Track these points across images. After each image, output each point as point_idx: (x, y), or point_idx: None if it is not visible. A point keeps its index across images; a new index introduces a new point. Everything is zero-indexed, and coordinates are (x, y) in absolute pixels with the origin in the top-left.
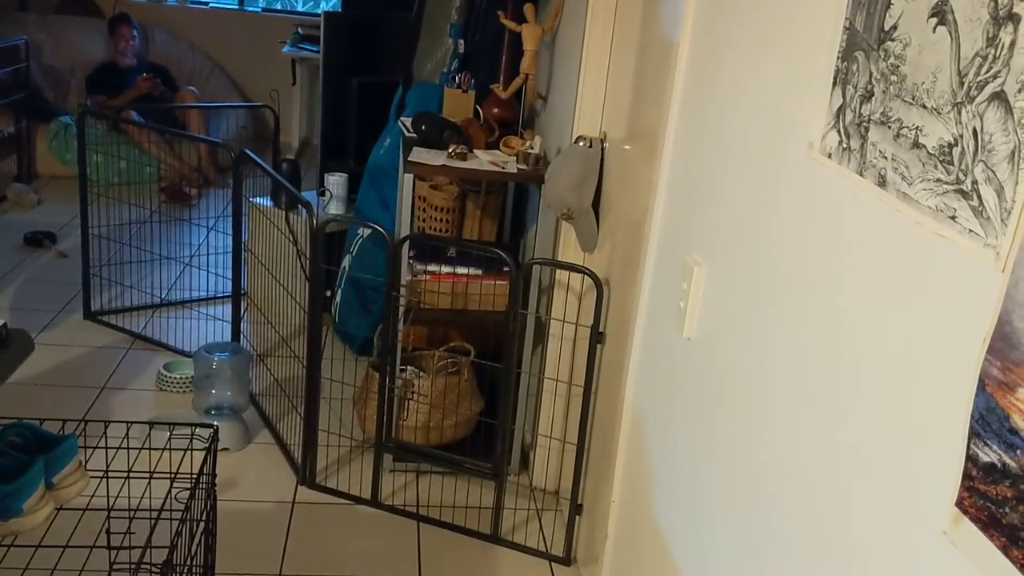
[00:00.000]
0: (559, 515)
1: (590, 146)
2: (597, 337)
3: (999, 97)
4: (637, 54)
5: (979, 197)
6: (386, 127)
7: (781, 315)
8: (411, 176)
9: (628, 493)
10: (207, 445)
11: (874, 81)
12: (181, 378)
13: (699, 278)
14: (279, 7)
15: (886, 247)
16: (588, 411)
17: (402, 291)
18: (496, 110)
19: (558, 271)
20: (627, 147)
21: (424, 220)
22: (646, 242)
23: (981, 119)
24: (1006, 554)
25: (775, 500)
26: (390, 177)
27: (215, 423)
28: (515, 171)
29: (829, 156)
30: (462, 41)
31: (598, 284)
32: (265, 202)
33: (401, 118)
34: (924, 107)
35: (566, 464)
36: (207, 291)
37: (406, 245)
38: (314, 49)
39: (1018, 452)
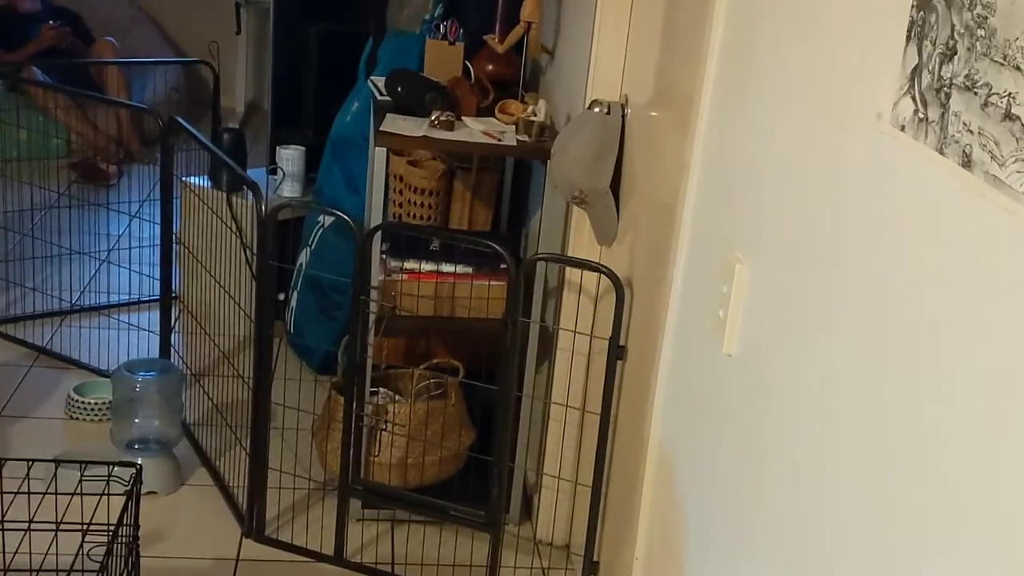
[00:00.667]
0: (570, 575)
1: (607, 112)
2: (617, 352)
3: None
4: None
5: None
6: (353, 88)
7: (846, 325)
8: (384, 150)
9: (656, 548)
10: (128, 488)
11: (957, 36)
12: (96, 404)
13: (743, 279)
14: None
15: (975, 240)
16: (606, 445)
17: (373, 294)
18: (491, 67)
19: (568, 269)
20: (653, 114)
21: (401, 205)
22: (677, 233)
23: None
24: None
25: (844, 563)
26: (358, 151)
27: (138, 461)
28: (514, 143)
29: (902, 129)
30: None
31: (618, 286)
32: (202, 182)
33: (372, 77)
34: (1019, 69)
35: (578, 511)
36: (129, 294)
37: (378, 236)
38: None
39: None
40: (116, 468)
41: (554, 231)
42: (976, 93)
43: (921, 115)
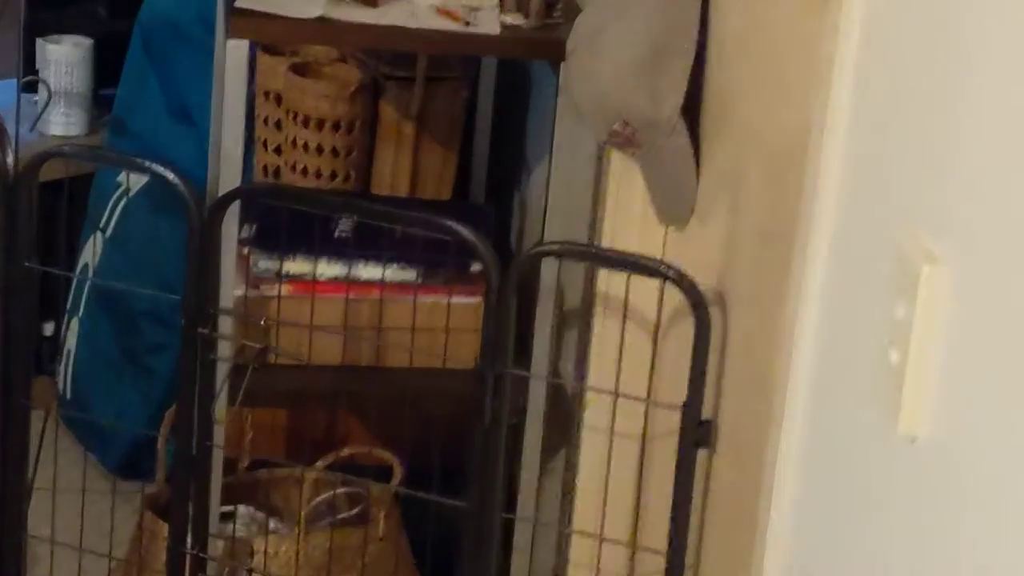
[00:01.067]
0: None
1: None
2: (697, 434)
3: None
4: None
5: None
6: None
7: None
8: (244, 45)
9: None
10: None
11: None
12: None
13: (938, 293)
14: None
15: None
16: None
17: (225, 324)
18: None
19: (602, 274)
20: None
21: (280, 151)
22: (810, 205)
23: None
24: None
25: None
26: (193, 46)
27: None
28: (495, 30)
29: None
30: None
31: (698, 305)
32: None
33: None
34: None
35: None
36: None
37: (234, 212)
38: None
39: None
40: None
41: (574, 201)
42: None
43: None
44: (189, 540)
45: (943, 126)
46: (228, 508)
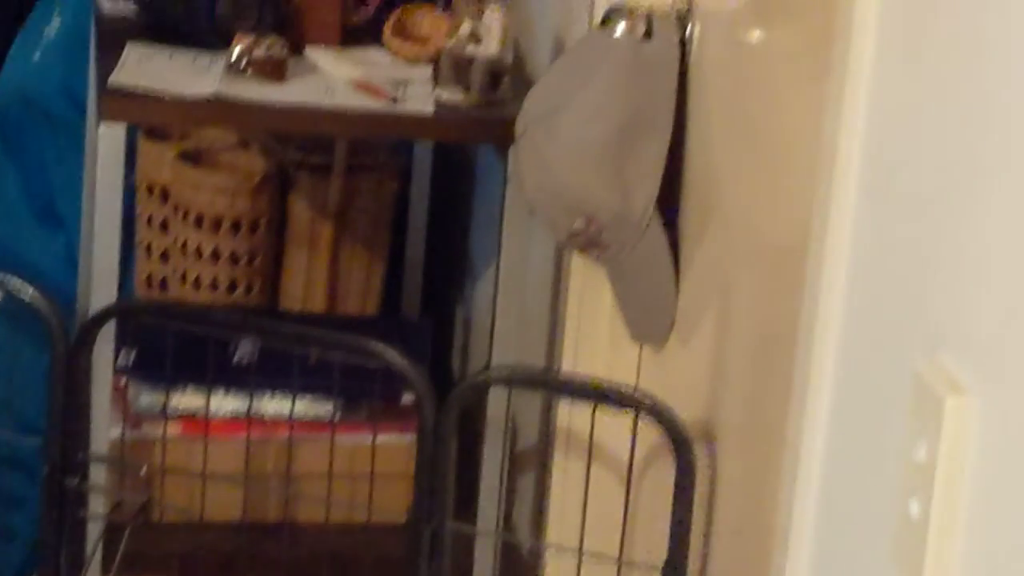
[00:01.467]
0: None
1: (646, 36)
2: None
3: None
4: None
5: None
6: None
7: None
8: (120, 130)
9: None
10: None
11: None
12: None
13: (963, 427)
14: None
15: None
16: None
17: (97, 473)
18: None
19: (562, 406)
20: (756, 37)
21: (167, 257)
22: (808, 319)
23: None
24: None
25: None
26: (60, 129)
27: None
28: (429, 109)
29: None
30: None
31: (678, 442)
32: None
33: None
34: None
35: None
36: None
37: (109, 334)
38: None
39: None
40: None
41: (528, 314)
42: None
43: None
44: None
45: (971, 230)
46: None
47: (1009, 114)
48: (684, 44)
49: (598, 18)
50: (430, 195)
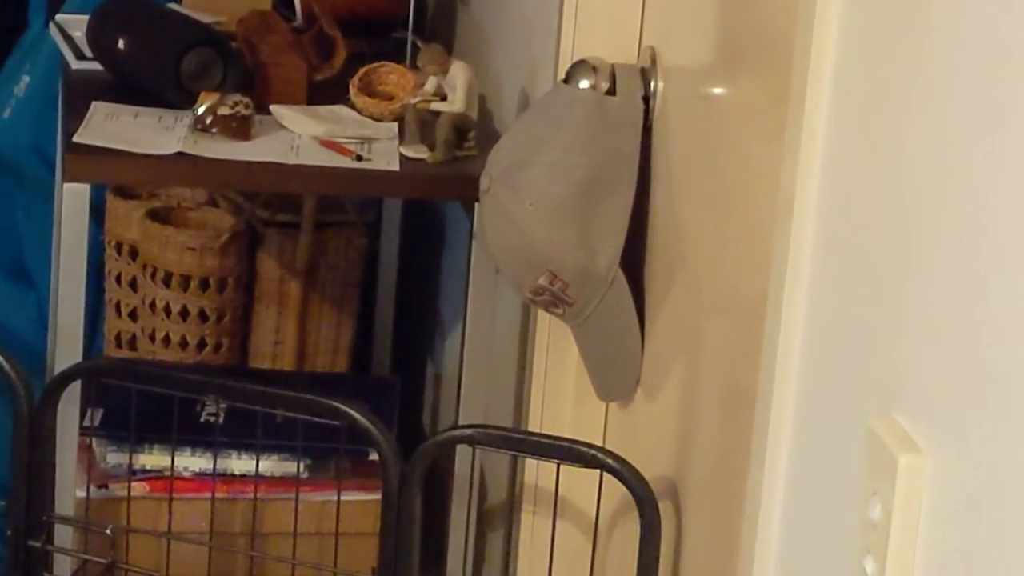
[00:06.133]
0: None
1: (609, 92)
2: None
3: None
4: None
5: None
6: (16, 44)
7: None
8: (84, 189)
9: None
10: None
11: None
12: None
13: (916, 487)
14: None
15: None
16: None
17: (63, 536)
18: None
19: (528, 465)
20: (713, 95)
21: (135, 317)
22: (765, 377)
23: None
24: None
25: None
26: (29, 186)
27: None
28: (395, 167)
29: None
30: None
31: (644, 501)
32: None
33: (58, 16)
34: None
35: None
36: None
37: (73, 392)
38: None
39: None
40: None
41: (496, 371)
42: None
43: None
44: None
45: (922, 290)
46: None
47: (966, 171)
48: (648, 100)
49: (562, 73)
50: (400, 251)
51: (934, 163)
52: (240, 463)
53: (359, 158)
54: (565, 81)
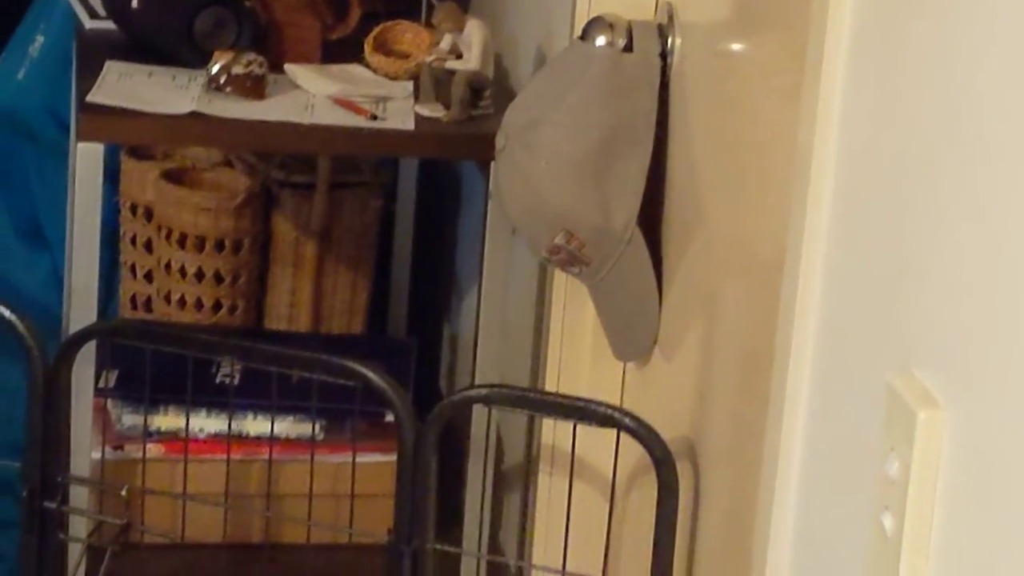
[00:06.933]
0: None
1: (626, 49)
2: None
3: None
4: None
5: None
6: (33, 2)
7: None
8: (98, 150)
9: None
10: None
11: None
12: None
13: (935, 442)
14: None
15: None
16: None
17: (79, 497)
18: None
19: (546, 424)
20: (731, 52)
21: (151, 277)
22: (783, 334)
23: None
24: None
25: None
26: (43, 147)
27: None
28: (410, 126)
29: None
30: None
31: (662, 461)
32: None
33: None
34: None
35: None
36: None
37: (89, 354)
38: None
39: None
40: None
41: (512, 332)
42: None
43: None
44: None
45: (943, 245)
46: None
47: (982, 128)
48: (665, 57)
49: (579, 30)
50: (416, 212)
51: (954, 118)
52: (255, 424)
53: (374, 117)
54: (581, 38)
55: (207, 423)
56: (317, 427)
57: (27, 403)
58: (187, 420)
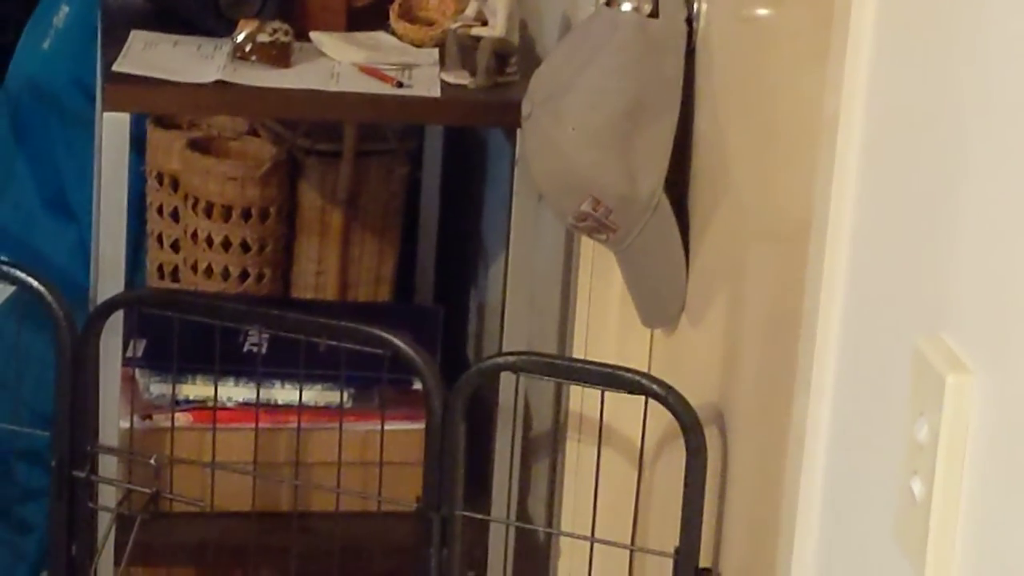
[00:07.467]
0: None
1: (652, 14)
2: None
3: None
4: None
5: None
6: None
7: None
8: (124, 119)
9: None
10: None
11: None
12: None
13: (965, 407)
14: None
15: None
16: None
17: (108, 466)
18: None
19: (573, 391)
20: (757, 17)
21: (177, 247)
22: (811, 299)
23: None
24: None
25: None
26: (69, 118)
27: None
28: (436, 93)
29: None
30: None
31: (690, 428)
32: None
33: None
34: None
35: None
36: None
37: (117, 324)
38: None
39: None
40: None
41: (539, 300)
42: None
43: None
44: None
45: (972, 208)
46: None
47: (1010, 94)
48: (691, 22)
49: None
50: (442, 180)
51: (983, 81)
52: (283, 393)
53: (400, 84)
54: (607, 3)
55: (235, 392)
56: (345, 395)
57: (55, 373)
58: (215, 389)
